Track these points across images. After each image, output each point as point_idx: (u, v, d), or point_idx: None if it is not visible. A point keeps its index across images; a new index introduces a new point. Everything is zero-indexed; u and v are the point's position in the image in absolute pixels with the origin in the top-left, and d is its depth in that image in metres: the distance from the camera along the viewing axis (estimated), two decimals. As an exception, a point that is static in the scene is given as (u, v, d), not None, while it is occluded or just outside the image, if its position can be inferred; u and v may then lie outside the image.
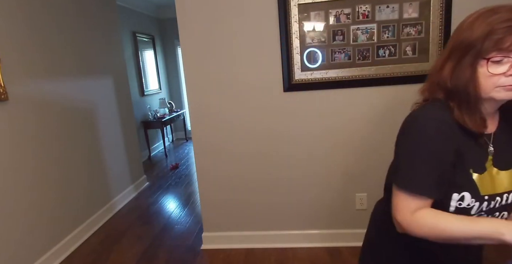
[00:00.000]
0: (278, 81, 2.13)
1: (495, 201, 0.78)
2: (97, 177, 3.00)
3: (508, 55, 0.69)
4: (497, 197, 0.78)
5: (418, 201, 0.77)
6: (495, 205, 0.78)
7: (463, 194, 0.76)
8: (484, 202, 0.77)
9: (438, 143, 0.74)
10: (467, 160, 0.76)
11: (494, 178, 0.78)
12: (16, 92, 2.11)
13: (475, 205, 0.77)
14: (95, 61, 3.05)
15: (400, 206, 0.79)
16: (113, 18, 3.45)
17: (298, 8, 2.01)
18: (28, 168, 2.20)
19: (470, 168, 0.77)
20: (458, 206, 0.77)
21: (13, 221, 2.06)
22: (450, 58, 0.76)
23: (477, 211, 0.78)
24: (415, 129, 0.78)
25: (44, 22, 2.42)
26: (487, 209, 0.78)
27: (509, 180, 0.80)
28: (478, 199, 0.76)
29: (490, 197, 0.77)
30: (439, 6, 1.93)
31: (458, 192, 0.76)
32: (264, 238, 2.38)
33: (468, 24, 0.74)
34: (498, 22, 0.68)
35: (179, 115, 5.88)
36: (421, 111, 0.81)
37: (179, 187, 3.85)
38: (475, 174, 0.77)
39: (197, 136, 2.29)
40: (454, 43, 0.76)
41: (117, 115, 3.40)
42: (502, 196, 0.78)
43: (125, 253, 2.48)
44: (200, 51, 2.15)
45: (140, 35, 5.20)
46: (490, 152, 0.79)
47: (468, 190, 0.76)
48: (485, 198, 0.77)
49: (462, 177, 0.76)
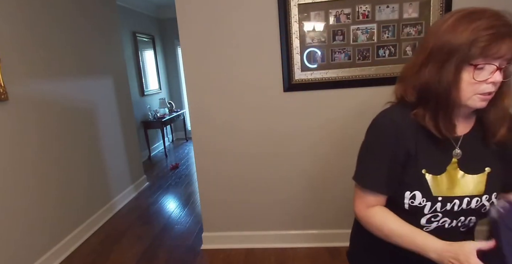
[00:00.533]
0: (278, 81, 2.13)
1: (453, 203, 0.78)
2: (97, 177, 3.00)
3: (491, 62, 0.69)
4: (456, 200, 0.78)
5: (371, 197, 0.83)
6: (453, 208, 0.78)
7: (414, 192, 0.78)
8: (437, 203, 0.78)
9: (391, 144, 0.78)
10: (421, 161, 0.78)
11: (457, 181, 0.78)
12: (16, 92, 2.11)
13: (427, 205, 0.78)
14: (95, 61, 3.05)
15: (357, 199, 0.86)
16: (113, 18, 3.45)
17: (298, 8, 2.01)
18: (28, 168, 2.20)
19: (423, 169, 0.78)
20: (411, 204, 0.79)
21: (13, 221, 2.06)
22: (429, 61, 0.73)
23: (430, 211, 0.79)
24: (373, 129, 0.83)
25: (44, 22, 2.42)
26: (443, 210, 0.78)
27: (474, 184, 0.79)
28: (430, 199, 0.78)
29: (444, 199, 0.78)
30: (439, 6, 1.93)
31: (410, 190, 0.79)
32: (264, 238, 2.38)
33: (449, 27, 0.71)
34: (482, 29, 0.67)
35: (179, 115, 5.88)
36: (382, 113, 0.84)
37: (179, 187, 3.85)
38: (428, 175, 0.78)
39: (197, 136, 2.29)
40: (434, 46, 0.72)
41: (117, 115, 3.40)
42: (462, 200, 0.78)
43: (125, 253, 2.48)
44: (200, 51, 2.15)
45: (140, 35, 5.20)
46: (456, 154, 0.79)
47: (419, 190, 0.78)
48: (438, 199, 0.78)
49: (414, 176, 0.78)
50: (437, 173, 0.78)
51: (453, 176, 0.79)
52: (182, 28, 2.13)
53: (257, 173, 2.30)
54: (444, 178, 0.78)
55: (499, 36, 0.66)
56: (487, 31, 0.66)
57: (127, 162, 3.54)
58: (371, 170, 0.82)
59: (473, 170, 0.79)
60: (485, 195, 0.79)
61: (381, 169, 0.80)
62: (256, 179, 2.31)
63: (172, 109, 5.88)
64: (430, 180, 0.78)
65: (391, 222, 0.80)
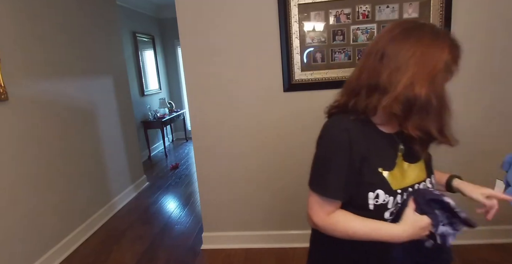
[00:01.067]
0: (278, 81, 2.13)
1: (408, 192, 0.86)
2: (97, 177, 3.00)
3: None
4: (409, 189, 0.86)
5: (330, 204, 0.87)
6: (407, 198, 0.86)
7: (377, 192, 0.83)
8: (398, 195, 0.84)
9: (346, 152, 0.82)
10: (376, 161, 0.84)
11: (405, 171, 0.87)
12: (16, 92, 2.11)
13: (389, 200, 0.84)
14: (95, 61, 3.05)
15: (315, 207, 0.90)
16: (113, 18, 3.45)
17: (298, 8, 2.01)
18: (27, 168, 2.20)
19: (379, 168, 0.84)
20: (376, 203, 0.84)
21: (13, 222, 2.06)
22: (416, 78, 0.77)
23: (393, 205, 0.85)
24: (326, 140, 0.87)
25: (44, 22, 2.42)
26: (402, 201, 0.85)
27: (417, 172, 0.89)
28: (392, 194, 0.84)
29: (402, 190, 0.85)
30: (439, 6, 1.93)
31: (373, 190, 0.83)
32: (264, 238, 2.38)
33: (432, 43, 0.78)
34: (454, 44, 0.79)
35: (179, 115, 5.88)
36: (331, 124, 0.88)
37: (179, 187, 3.85)
38: (385, 172, 0.84)
39: (197, 136, 2.29)
40: (419, 60, 0.77)
41: (117, 115, 3.40)
42: (414, 187, 0.87)
43: (125, 253, 2.48)
44: (200, 51, 2.15)
45: (140, 35, 5.20)
46: (401, 149, 0.87)
47: (381, 188, 0.83)
48: (397, 192, 0.85)
49: (373, 177, 0.84)
50: (391, 168, 0.85)
51: (402, 168, 0.87)
52: (182, 28, 2.13)
53: (257, 173, 2.30)
54: (397, 172, 0.86)
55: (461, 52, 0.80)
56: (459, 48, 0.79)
57: (127, 162, 3.54)
58: (330, 180, 0.85)
59: (413, 159, 0.89)
60: (428, 179, 0.91)
61: (340, 178, 0.84)
62: (256, 179, 2.31)
63: (172, 109, 5.88)
64: (387, 176, 0.84)
65: (354, 224, 0.85)
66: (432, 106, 0.78)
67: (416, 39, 0.77)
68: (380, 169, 0.84)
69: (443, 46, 0.77)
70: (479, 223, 0.90)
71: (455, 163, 2.11)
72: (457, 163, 2.11)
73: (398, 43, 0.78)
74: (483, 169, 2.13)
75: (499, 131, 2.10)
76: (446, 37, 0.79)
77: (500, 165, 1.10)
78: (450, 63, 0.78)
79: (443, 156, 2.12)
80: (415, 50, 0.77)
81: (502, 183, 1.08)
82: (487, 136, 2.11)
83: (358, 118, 0.84)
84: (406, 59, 0.77)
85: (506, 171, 1.08)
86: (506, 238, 2.20)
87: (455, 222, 0.86)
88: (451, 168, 1.05)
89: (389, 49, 0.79)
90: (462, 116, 2.10)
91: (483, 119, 2.09)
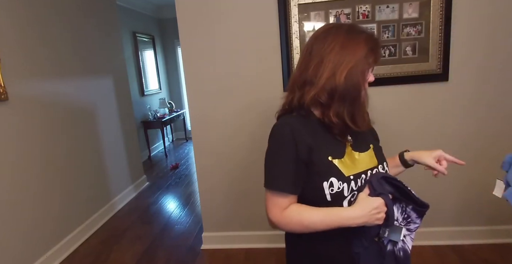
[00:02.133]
0: (278, 81, 2.13)
1: (361, 178, 0.89)
2: (97, 177, 3.00)
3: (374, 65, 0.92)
4: (362, 175, 0.90)
5: (283, 199, 0.88)
6: (362, 182, 0.89)
7: (331, 180, 0.86)
8: (351, 181, 0.87)
9: (291, 144, 0.86)
10: (324, 151, 0.88)
11: (355, 160, 0.91)
12: (16, 92, 2.11)
13: (344, 187, 0.86)
14: (95, 61, 3.05)
15: (270, 204, 0.89)
16: (113, 18, 3.45)
17: (298, 8, 2.01)
18: (27, 168, 2.20)
19: (329, 156, 0.88)
20: (331, 192, 0.86)
21: (13, 222, 2.06)
22: (337, 69, 0.87)
23: (349, 192, 0.87)
24: (272, 136, 0.90)
25: (44, 22, 2.42)
26: (357, 188, 0.88)
27: (368, 159, 0.94)
28: (345, 181, 0.87)
29: (355, 176, 0.88)
30: (439, 6, 1.93)
31: (326, 179, 0.86)
32: (264, 238, 2.38)
33: (348, 38, 0.88)
34: (371, 39, 0.89)
35: (179, 115, 5.88)
36: (280, 120, 0.94)
37: (179, 187, 3.85)
38: (335, 160, 0.88)
39: (197, 136, 2.28)
40: (338, 54, 0.88)
41: (117, 115, 3.40)
42: (367, 173, 0.91)
43: (125, 253, 2.48)
44: (200, 51, 2.15)
45: (140, 35, 5.20)
46: (349, 140, 0.93)
47: (333, 176, 0.86)
48: (350, 178, 0.87)
49: (324, 165, 0.87)
50: (340, 156, 0.89)
51: (352, 157, 0.91)
52: (182, 28, 2.13)
53: (257, 173, 2.29)
54: (347, 159, 0.90)
55: (379, 44, 0.90)
56: (374, 40, 0.89)
57: (127, 162, 3.54)
58: (279, 173, 0.87)
59: (362, 149, 0.94)
60: (380, 165, 0.95)
61: (288, 170, 0.86)
62: (256, 179, 2.30)
63: (172, 109, 5.88)
64: (338, 164, 0.88)
65: (308, 214, 0.86)
66: (348, 94, 0.87)
67: (334, 36, 0.88)
68: (330, 157, 0.88)
69: (359, 40, 0.87)
70: (479, 223, 0.90)
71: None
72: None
73: (320, 41, 0.89)
74: (483, 169, 2.13)
75: (499, 131, 2.10)
76: (361, 33, 0.89)
77: (500, 165, 1.10)
78: (366, 54, 0.87)
79: (443, 156, 2.12)
80: (334, 45, 0.87)
81: (502, 183, 1.09)
82: (487, 136, 2.11)
83: (299, 114, 0.92)
84: (327, 53, 0.87)
85: (506, 171, 1.08)
86: (506, 238, 2.20)
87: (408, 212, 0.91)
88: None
89: (314, 46, 0.90)
90: (462, 116, 2.10)
91: (483, 119, 2.09)
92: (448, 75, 2.03)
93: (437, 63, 2.00)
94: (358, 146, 0.94)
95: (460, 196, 2.21)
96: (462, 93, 2.06)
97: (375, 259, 0.88)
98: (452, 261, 2.08)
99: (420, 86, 2.05)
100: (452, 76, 2.03)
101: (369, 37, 0.89)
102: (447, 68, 2.01)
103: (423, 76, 2.03)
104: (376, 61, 0.90)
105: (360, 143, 0.94)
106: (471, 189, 2.18)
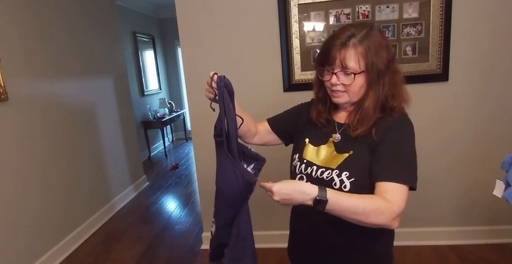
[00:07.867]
0: (278, 81, 2.13)
1: (312, 169, 0.97)
2: (97, 177, 3.00)
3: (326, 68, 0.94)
4: (314, 166, 0.97)
5: (263, 124, 1.28)
6: (311, 174, 0.96)
7: (296, 154, 1.04)
8: (303, 164, 1.00)
9: (296, 108, 1.23)
10: (307, 133, 1.05)
11: (323, 154, 0.98)
12: (16, 92, 2.11)
13: (297, 164, 1.02)
14: (95, 61, 3.05)
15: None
16: (113, 18, 3.45)
17: (298, 8, 2.01)
18: (27, 168, 2.20)
19: (306, 138, 1.04)
20: (292, 164, 1.04)
21: (14, 222, 2.06)
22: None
23: (299, 171, 1.00)
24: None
25: (44, 22, 2.42)
26: (305, 172, 0.98)
27: (333, 160, 0.95)
28: (300, 160, 1.02)
29: (308, 163, 0.99)
30: (439, 6, 1.93)
31: (295, 153, 1.05)
32: (264, 238, 2.38)
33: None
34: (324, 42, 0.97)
35: (179, 115, 5.88)
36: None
37: (179, 187, 3.85)
38: (308, 144, 1.02)
39: (197, 136, 2.28)
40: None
41: (117, 115, 3.40)
42: (318, 169, 0.96)
43: (125, 253, 2.48)
44: (200, 51, 2.15)
45: (140, 35, 5.20)
46: (335, 137, 0.98)
47: (298, 152, 1.04)
48: (304, 161, 1.00)
49: (299, 142, 1.06)
50: (315, 145, 1.01)
51: (323, 151, 0.99)
52: (182, 28, 2.13)
53: (257, 173, 2.29)
54: (316, 149, 1.00)
55: (328, 48, 0.90)
56: (324, 44, 0.93)
57: (127, 162, 3.54)
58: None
59: (341, 150, 0.95)
60: (336, 170, 0.92)
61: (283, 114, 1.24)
62: (256, 179, 2.30)
63: (172, 109, 5.87)
64: (306, 147, 1.02)
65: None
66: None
67: None
68: (307, 140, 1.03)
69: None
70: (479, 223, 0.90)
71: (456, 162, 2.11)
72: (458, 162, 2.11)
73: None
74: (483, 169, 2.13)
75: (499, 131, 2.10)
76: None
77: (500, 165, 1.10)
78: (317, 58, 0.98)
79: (443, 156, 2.13)
80: None
81: (502, 183, 1.09)
82: (488, 136, 2.11)
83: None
84: None
85: (506, 171, 1.08)
86: (506, 238, 2.20)
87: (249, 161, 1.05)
88: (452, 167, 1.04)
89: None
90: (462, 116, 2.10)
91: (484, 119, 2.09)
92: (448, 75, 2.03)
93: (437, 63, 2.00)
94: (339, 146, 0.97)
95: (460, 196, 2.21)
96: (462, 93, 2.06)
97: None
98: (452, 261, 2.08)
99: (420, 86, 2.05)
100: (452, 76, 2.03)
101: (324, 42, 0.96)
102: (447, 68, 2.01)
103: (423, 76, 2.03)
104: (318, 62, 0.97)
105: (342, 144, 0.96)
106: (471, 189, 2.17)
